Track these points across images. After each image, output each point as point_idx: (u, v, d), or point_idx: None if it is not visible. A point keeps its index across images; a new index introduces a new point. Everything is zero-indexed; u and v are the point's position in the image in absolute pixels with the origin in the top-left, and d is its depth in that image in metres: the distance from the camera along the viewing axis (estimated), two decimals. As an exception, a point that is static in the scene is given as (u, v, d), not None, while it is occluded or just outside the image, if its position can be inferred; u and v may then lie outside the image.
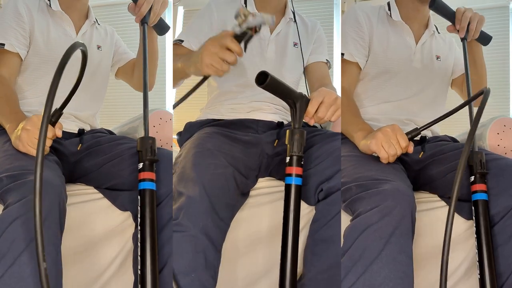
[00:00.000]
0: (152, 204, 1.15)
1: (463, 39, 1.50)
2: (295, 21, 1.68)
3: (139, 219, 1.14)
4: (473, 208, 1.22)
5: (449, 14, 1.52)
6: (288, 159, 1.17)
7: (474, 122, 1.10)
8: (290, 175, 1.16)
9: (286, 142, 1.18)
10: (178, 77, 1.44)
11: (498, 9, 2.58)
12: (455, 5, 1.53)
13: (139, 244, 1.12)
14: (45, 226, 1.07)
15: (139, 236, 1.13)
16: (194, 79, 1.33)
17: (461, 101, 1.73)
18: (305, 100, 1.20)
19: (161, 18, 1.51)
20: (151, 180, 1.17)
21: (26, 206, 1.08)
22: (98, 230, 1.34)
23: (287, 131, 1.19)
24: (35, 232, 0.89)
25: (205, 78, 1.25)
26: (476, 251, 1.18)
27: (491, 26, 1.59)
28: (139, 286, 1.11)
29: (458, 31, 1.51)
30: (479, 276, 1.16)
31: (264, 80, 1.11)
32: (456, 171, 1.05)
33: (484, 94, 1.14)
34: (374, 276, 1.05)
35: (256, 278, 1.38)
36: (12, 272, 1.02)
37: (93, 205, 1.36)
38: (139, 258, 1.12)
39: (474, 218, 1.21)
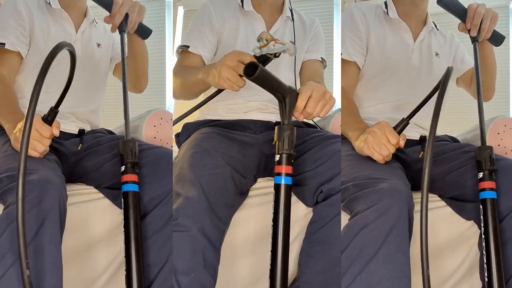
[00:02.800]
0: (136, 205, 1.16)
1: (474, 40, 1.42)
2: (292, 19, 1.67)
3: (123, 221, 1.15)
4: (481, 206, 1.19)
5: (459, 11, 1.43)
6: (277, 157, 1.12)
7: (436, 106, 1.06)
8: (279, 174, 1.11)
9: (275, 139, 1.13)
10: (199, 88, 1.45)
11: (498, 9, 2.58)
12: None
13: (123, 244, 1.13)
14: (45, 226, 1.08)
15: (123, 237, 1.14)
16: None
17: (468, 98, 1.72)
18: (295, 94, 1.15)
19: (140, 23, 1.51)
20: (134, 182, 1.18)
21: (26, 205, 1.07)
22: (98, 229, 1.35)
23: (276, 127, 1.14)
24: (18, 237, 0.89)
25: (220, 91, 1.26)
26: (484, 250, 1.16)
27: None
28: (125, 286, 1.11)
29: (469, 30, 1.43)
30: (486, 276, 1.14)
31: (253, 72, 1.05)
32: (423, 161, 1.02)
33: (446, 72, 1.10)
34: (371, 275, 1.05)
35: (256, 278, 1.38)
36: (13, 272, 1.03)
37: (93, 205, 1.36)
38: (124, 259, 1.12)
39: (482, 217, 1.18)
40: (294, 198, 1.36)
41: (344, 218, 1.19)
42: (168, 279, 1.17)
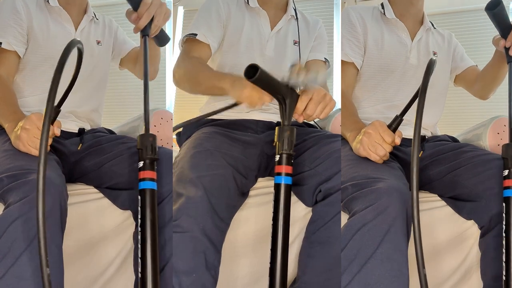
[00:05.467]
0: (153, 204, 1.12)
1: (510, 61, 1.34)
2: (296, 18, 1.67)
3: (139, 220, 1.11)
4: (504, 204, 1.17)
5: (504, 27, 1.34)
6: (277, 157, 1.13)
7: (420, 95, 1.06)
8: (279, 174, 1.13)
9: (276, 140, 1.14)
10: (214, 93, 1.42)
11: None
12: (452, 6, 1.51)
13: (139, 245, 1.10)
14: (46, 225, 1.07)
15: (139, 237, 1.10)
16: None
17: (468, 98, 1.72)
18: (295, 96, 1.17)
19: (162, 29, 1.42)
20: (152, 180, 1.13)
21: (27, 205, 1.08)
22: (98, 229, 1.35)
23: (276, 128, 1.15)
24: (38, 237, 0.88)
25: (237, 104, 1.25)
26: (504, 250, 1.15)
27: (491, 26, 1.58)
28: (139, 287, 1.09)
29: (506, 48, 1.35)
30: (504, 276, 1.14)
31: (254, 73, 1.06)
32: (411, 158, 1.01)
33: (428, 64, 1.09)
34: (369, 275, 1.05)
35: (256, 278, 1.38)
36: (13, 271, 1.03)
37: (93, 205, 1.36)
38: (139, 259, 1.09)
39: (504, 215, 1.17)
40: (294, 198, 1.36)
41: (344, 219, 1.19)
42: (169, 280, 1.17)
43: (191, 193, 1.20)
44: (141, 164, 1.14)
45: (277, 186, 1.13)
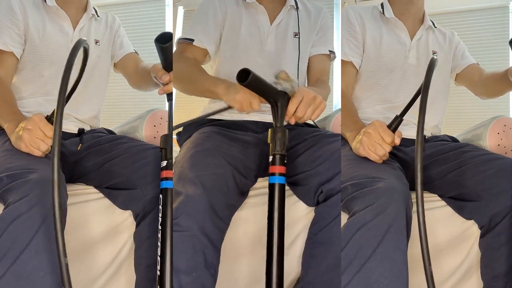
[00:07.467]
0: (172, 203, 1.15)
1: None
2: (297, 7, 1.65)
3: (160, 218, 1.13)
4: None
5: None
6: (270, 158, 1.17)
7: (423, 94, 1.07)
8: (273, 174, 1.16)
9: (268, 141, 1.18)
10: (208, 96, 1.49)
11: (498, 9, 2.58)
12: (453, 5, 1.51)
13: (159, 243, 1.12)
14: (46, 225, 1.08)
15: (159, 235, 1.12)
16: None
17: (468, 99, 1.72)
18: (286, 99, 1.22)
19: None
20: (171, 179, 1.17)
21: (26, 204, 1.08)
22: (98, 229, 1.35)
23: (269, 130, 1.19)
24: (55, 228, 0.91)
25: (230, 107, 1.32)
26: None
27: (491, 26, 1.58)
28: (158, 286, 1.10)
29: None
30: None
31: (246, 78, 1.11)
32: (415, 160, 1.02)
33: (430, 63, 1.11)
34: (368, 274, 1.05)
35: (256, 278, 1.38)
36: (14, 270, 1.03)
37: (93, 205, 1.36)
38: (158, 257, 1.10)
39: None
40: (294, 198, 1.36)
41: (344, 218, 1.19)
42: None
43: (190, 192, 1.20)
44: (164, 163, 1.16)
45: (271, 186, 1.16)
